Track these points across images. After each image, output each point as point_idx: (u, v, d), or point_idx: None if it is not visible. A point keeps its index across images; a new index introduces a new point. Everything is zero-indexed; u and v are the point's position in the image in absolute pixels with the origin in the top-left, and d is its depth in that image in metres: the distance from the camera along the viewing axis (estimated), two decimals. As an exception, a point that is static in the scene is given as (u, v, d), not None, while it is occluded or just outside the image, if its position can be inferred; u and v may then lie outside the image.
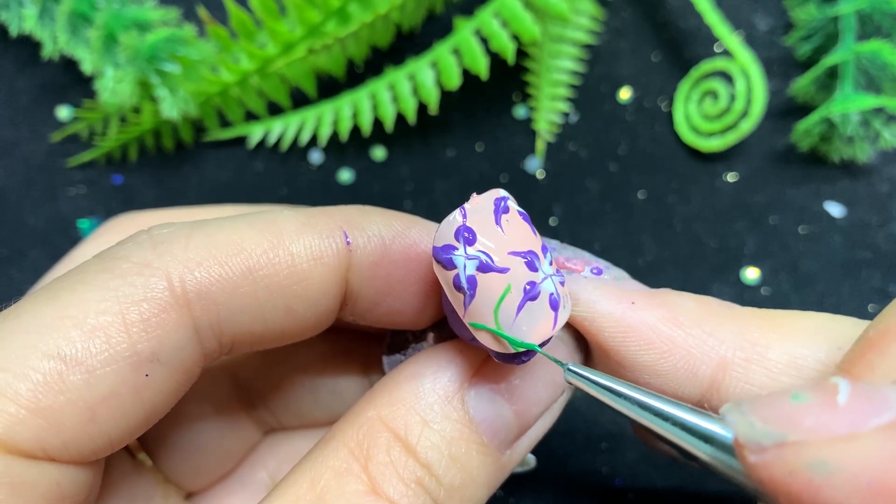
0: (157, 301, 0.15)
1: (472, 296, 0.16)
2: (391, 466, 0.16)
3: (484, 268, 0.16)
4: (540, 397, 0.18)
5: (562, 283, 0.16)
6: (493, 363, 0.18)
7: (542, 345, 0.16)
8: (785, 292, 0.30)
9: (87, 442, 0.15)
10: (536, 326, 0.16)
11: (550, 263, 0.16)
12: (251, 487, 0.23)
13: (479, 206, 0.16)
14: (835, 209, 0.32)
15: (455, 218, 0.16)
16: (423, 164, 0.32)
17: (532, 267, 0.16)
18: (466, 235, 0.16)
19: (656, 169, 0.32)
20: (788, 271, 0.31)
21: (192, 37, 0.30)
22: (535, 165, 0.32)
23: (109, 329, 0.15)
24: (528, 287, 0.16)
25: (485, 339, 0.16)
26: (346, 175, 0.32)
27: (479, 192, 0.17)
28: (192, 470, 0.22)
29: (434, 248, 0.16)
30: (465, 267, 0.16)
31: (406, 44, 0.34)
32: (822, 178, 0.32)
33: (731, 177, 0.32)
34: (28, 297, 0.16)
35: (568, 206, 0.32)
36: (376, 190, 0.32)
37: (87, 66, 0.30)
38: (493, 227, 0.16)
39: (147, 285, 0.15)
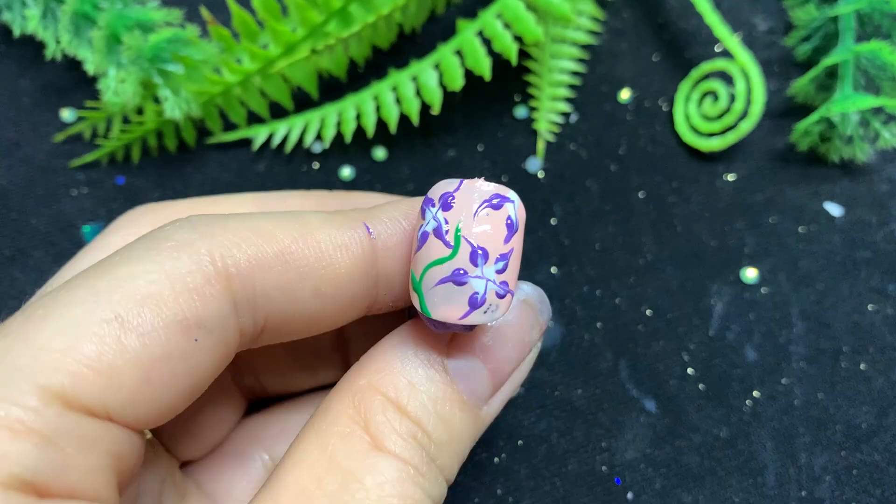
0: (202, 273, 0.17)
1: (418, 248, 0.17)
2: (388, 424, 0.18)
3: (437, 233, 0.17)
4: (510, 356, 0.20)
5: (498, 295, 0.17)
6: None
7: (453, 326, 0.18)
8: (784, 292, 0.31)
9: (143, 404, 0.16)
10: (446, 306, 0.17)
11: (500, 272, 0.17)
12: (245, 462, 0.24)
13: (477, 189, 0.17)
14: (834, 209, 0.32)
15: (451, 183, 0.18)
16: (424, 164, 0.33)
17: (473, 260, 0.17)
18: (447, 201, 0.17)
19: (656, 169, 0.33)
20: (788, 271, 0.31)
21: (194, 37, 0.30)
22: (535, 165, 0.33)
23: (160, 296, 0.16)
24: (458, 272, 0.17)
25: (410, 289, 0.18)
26: (346, 173, 0.33)
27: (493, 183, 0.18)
28: (186, 437, 0.23)
29: (426, 195, 0.18)
30: (428, 223, 0.17)
31: (408, 44, 0.34)
32: (822, 177, 0.32)
33: (730, 177, 0.33)
34: (79, 274, 0.17)
35: (568, 205, 0.32)
36: (377, 190, 0.33)
37: (90, 67, 0.30)
38: (469, 209, 0.17)
39: (192, 259, 0.17)
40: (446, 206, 0.17)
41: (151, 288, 0.16)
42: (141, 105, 0.31)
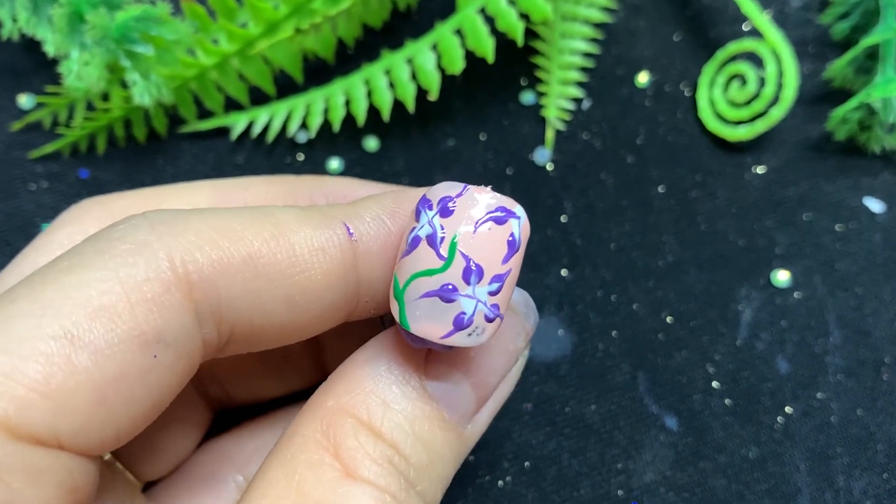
0: (161, 281, 0.16)
1: (407, 253, 0.17)
2: (361, 450, 0.17)
3: (431, 240, 0.17)
4: (495, 367, 0.20)
5: (487, 318, 0.17)
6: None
7: (432, 344, 0.17)
8: (820, 296, 0.30)
9: (98, 428, 0.16)
10: (428, 322, 0.17)
11: (493, 294, 0.17)
12: (217, 484, 0.24)
13: (481, 200, 0.17)
14: (875, 205, 0.32)
15: (454, 187, 0.17)
16: (420, 155, 0.32)
17: (466, 278, 0.17)
18: (447, 206, 0.17)
19: (678, 161, 0.32)
20: (824, 273, 0.31)
21: (166, 15, 0.29)
22: (544, 156, 0.32)
23: (114, 309, 0.15)
24: (447, 287, 0.16)
25: (391, 295, 0.18)
26: (334, 165, 0.32)
27: (500, 192, 0.17)
28: (147, 454, 0.23)
29: (423, 195, 0.18)
30: (422, 227, 0.17)
31: (402, 23, 0.34)
32: (861, 170, 0.32)
33: (760, 169, 0.32)
34: (22, 283, 0.16)
35: (580, 201, 0.32)
36: None
37: (50, 48, 0.30)
38: (470, 219, 0.17)
39: (149, 265, 0.16)
40: (445, 212, 0.17)
41: (104, 299, 0.15)
42: (107, 90, 0.31)
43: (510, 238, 0.17)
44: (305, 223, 0.18)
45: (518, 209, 0.17)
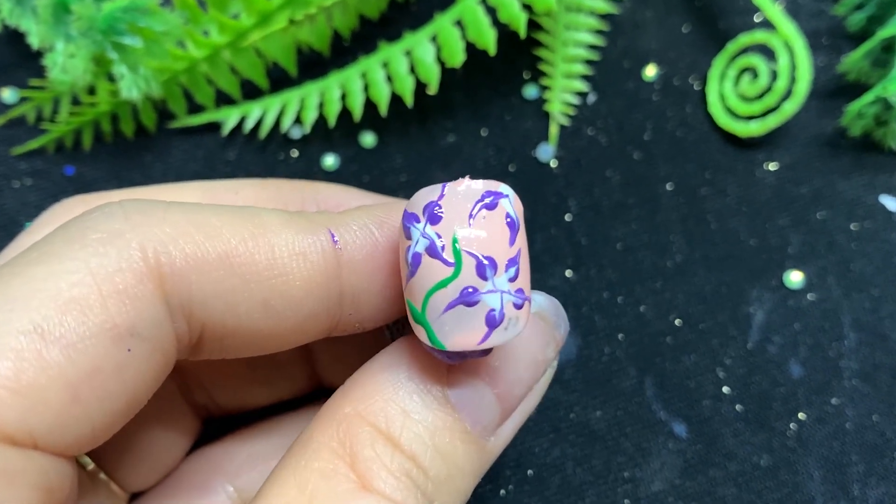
0: (134, 272, 0.16)
1: (412, 274, 0.17)
2: (378, 461, 0.17)
3: (432, 252, 0.16)
4: (521, 378, 0.19)
5: (516, 306, 0.17)
6: None
7: (471, 353, 0.17)
8: (834, 298, 0.30)
9: (73, 426, 0.16)
10: (461, 333, 0.16)
11: (513, 279, 0.17)
12: (207, 494, 0.23)
13: (464, 191, 0.17)
14: (892, 203, 0.32)
15: (432, 191, 0.17)
16: (419, 152, 0.32)
17: (482, 274, 0.16)
18: (434, 212, 0.17)
19: (686, 157, 0.32)
20: (838, 274, 0.31)
21: (155, 6, 0.29)
22: (547, 153, 0.32)
23: (85, 301, 0.15)
24: (467, 290, 0.16)
25: (412, 321, 0.17)
26: (330, 162, 0.32)
27: (481, 179, 0.17)
28: (133, 463, 0.23)
29: (405, 210, 0.17)
30: (417, 242, 0.17)
31: (400, 14, 0.34)
32: (877, 167, 0.32)
33: (772, 166, 0.32)
34: None
35: (585, 199, 0.32)
36: (365, 181, 0.32)
37: (34, 40, 0.30)
38: (461, 215, 0.16)
39: (121, 255, 0.16)
40: (434, 219, 0.17)
41: (75, 291, 0.15)
42: (93, 84, 0.31)
43: (508, 219, 0.17)
44: (288, 226, 0.18)
45: (503, 187, 0.17)
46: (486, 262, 0.16)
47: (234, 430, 0.25)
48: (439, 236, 0.16)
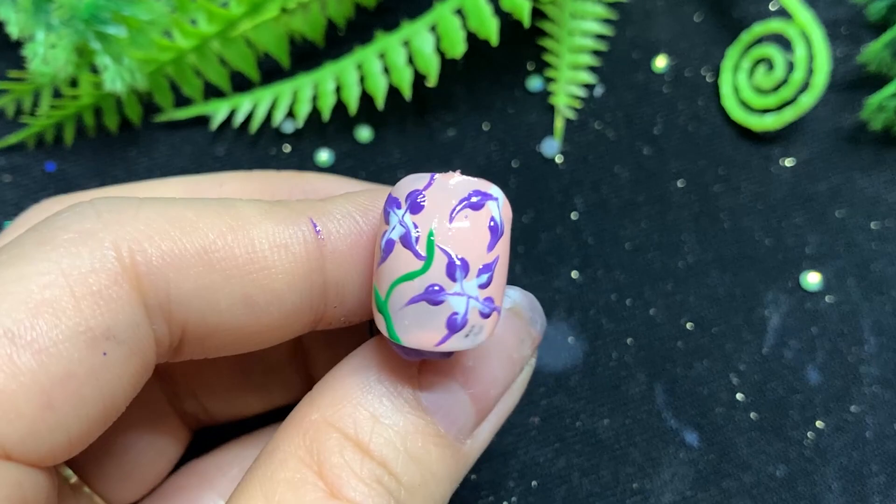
0: (108, 272, 0.16)
1: (383, 260, 0.17)
2: (347, 468, 0.17)
3: (405, 241, 0.16)
4: (497, 377, 0.19)
5: (483, 314, 0.17)
6: None
7: (429, 353, 0.17)
8: (854, 300, 0.30)
9: (46, 434, 0.15)
10: (419, 330, 0.17)
11: (483, 286, 0.17)
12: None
13: (453, 185, 0.17)
14: None
15: (420, 179, 0.17)
16: (417, 147, 0.32)
17: (451, 274, 0.16)
18: (417, 200, 0.17)
19: (699, 152, 0.32)
20: (858, 275, 0.31)
21: None
22: (552, 148, 0.32)
23: (58, 303, 0.15)
24: (433, 288, 0.16)
25: (374, 309, 0.17)
26: (324, 158, 0.32)
27: (474, 177, 0.17)
28: (118, 476, 0.23)
29: (389, 194, 0.17)
30: (393, 229, 0.17)
31: (398, 3, 0.34)
32: None
33: (788, 162, 0.32)
34: None
35: (592, 196, 0.32)
36: (361, 177, 0.32)
37: (13, 29, 0.29)
38: (443, 210, 0.16)
39: (94, 256, 0.16)
40: (415, 208, 0.17)
41: (46, 293, 0.15)
42: (75, 76, 0.30)
43: (491, 223, 0.17)
44: (268, 217, 0.18)
45: (493, 189, 0.17)
46: (458, 262, 0.16)
47: (226, 441, 0.25)
48: (416, 227, 0.16)
